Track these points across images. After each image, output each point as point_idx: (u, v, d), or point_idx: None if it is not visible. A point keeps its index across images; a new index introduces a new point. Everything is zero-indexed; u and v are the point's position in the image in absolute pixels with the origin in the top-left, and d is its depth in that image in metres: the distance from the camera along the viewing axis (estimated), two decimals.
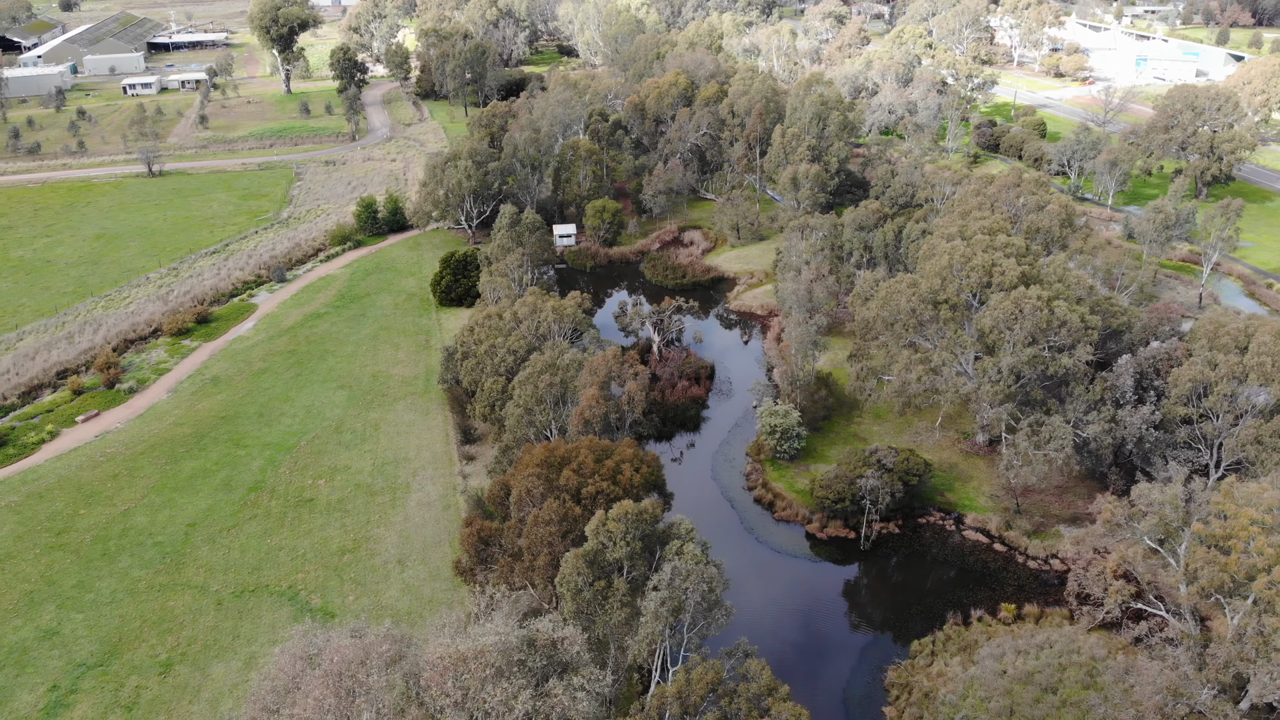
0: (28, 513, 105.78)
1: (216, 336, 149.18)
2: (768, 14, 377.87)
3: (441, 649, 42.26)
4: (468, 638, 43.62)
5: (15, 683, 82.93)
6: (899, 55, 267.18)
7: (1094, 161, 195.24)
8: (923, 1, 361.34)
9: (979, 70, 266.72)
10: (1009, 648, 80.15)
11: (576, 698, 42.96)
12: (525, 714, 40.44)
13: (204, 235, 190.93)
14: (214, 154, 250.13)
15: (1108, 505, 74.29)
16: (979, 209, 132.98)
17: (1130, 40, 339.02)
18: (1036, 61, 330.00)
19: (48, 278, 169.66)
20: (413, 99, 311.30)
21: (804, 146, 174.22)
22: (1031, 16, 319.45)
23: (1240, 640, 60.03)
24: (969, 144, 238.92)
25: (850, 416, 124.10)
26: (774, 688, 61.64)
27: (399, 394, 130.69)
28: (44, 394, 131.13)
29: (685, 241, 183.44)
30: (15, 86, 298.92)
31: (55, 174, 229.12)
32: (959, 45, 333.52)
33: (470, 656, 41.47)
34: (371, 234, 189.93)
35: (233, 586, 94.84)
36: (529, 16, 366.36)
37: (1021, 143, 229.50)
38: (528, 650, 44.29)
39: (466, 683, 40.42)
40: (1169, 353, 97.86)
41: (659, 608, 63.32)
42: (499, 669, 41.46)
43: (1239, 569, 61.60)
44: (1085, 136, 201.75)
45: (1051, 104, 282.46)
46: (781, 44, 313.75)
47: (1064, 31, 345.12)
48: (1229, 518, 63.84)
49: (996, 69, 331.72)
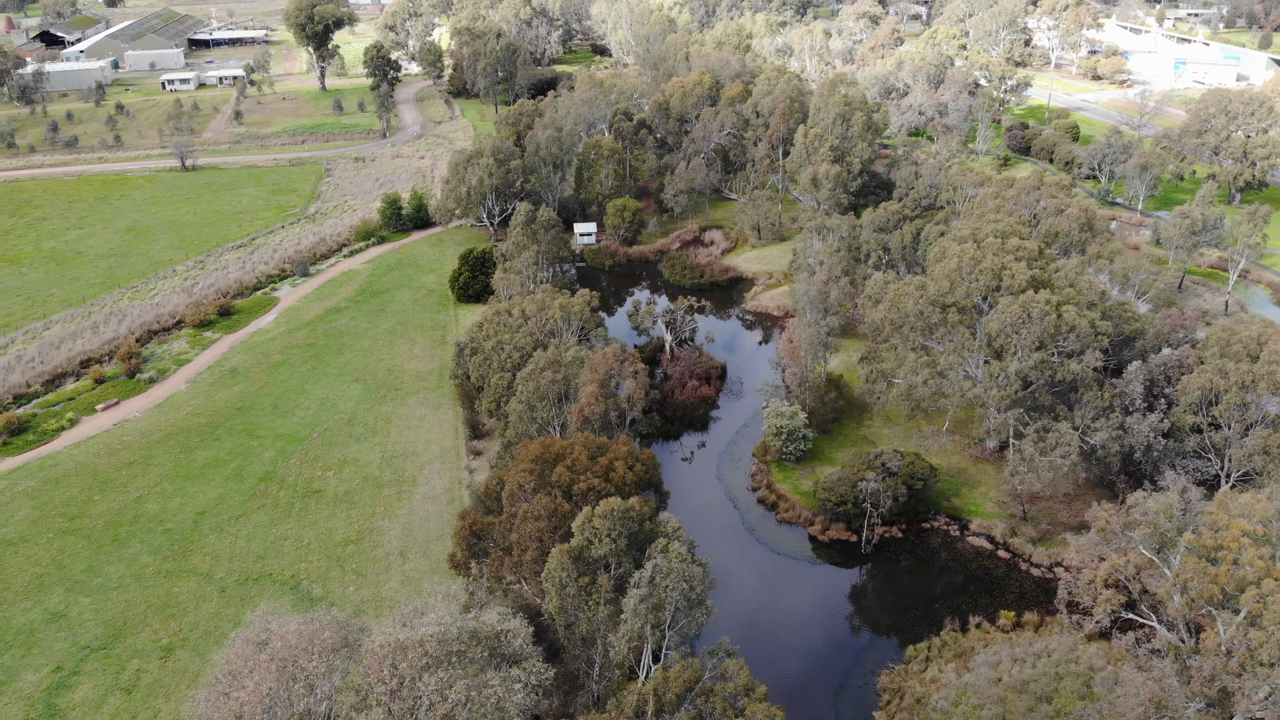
0: (44, 498, 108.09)
1: (238, 329, 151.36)
2: (802, 14, 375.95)
3: (383, 638, 42.86)
4: (410, 627, 44.20)
5: (21, 663, 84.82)
6: (931, 56, 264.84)
7: (1124, 165, 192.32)
8: (960, 2, 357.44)
9: (1012, 72, 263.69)
10: (1005, 655, 79.42)
11: (512, 689, 43.22)
12: (459, 703, 40.81)
13: (232, 229, 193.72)
14: (247, 149, 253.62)
15: (1102, 513, 73.23)
16: (997, 212, 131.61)
17: (1170, 43, 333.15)
18: (1074, 64, 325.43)
19: (78, 269, 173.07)
20: (445, 97, 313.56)
21: (826, 147, 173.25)
22: (1069, 18, 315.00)
23: (1227, 654, 58.91)
24: (999, 146, 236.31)
25: (860, 419, 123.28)
26: (751, 688, 61.51)
27: (412, 388, 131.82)
28: (67, 382, 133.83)
29: (706, 241, 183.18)
30: (57, 81, 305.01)
31: (91, 167, 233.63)
32: (996, 47, 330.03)
33: (409, 646, 42.00)
34: (396, 230, 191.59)
35: (237, 574, 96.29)
36: (563, 16, 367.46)
37: (1053, 146, 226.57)
38: (468, 641, 44.69)
39: (404, 671, 40.95)
40: (1180, 360, 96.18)
41: (639, 605, 63.44)
42: (436, 659, 41.91)
43: (1229, 581, 60.47)
44: (1116, 140, 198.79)
45: (1087, 107, 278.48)
46: (814, 44, 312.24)
47: (1103, 34, 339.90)
48: (1221, 529, 62.67)
49: (1033, 71, 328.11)
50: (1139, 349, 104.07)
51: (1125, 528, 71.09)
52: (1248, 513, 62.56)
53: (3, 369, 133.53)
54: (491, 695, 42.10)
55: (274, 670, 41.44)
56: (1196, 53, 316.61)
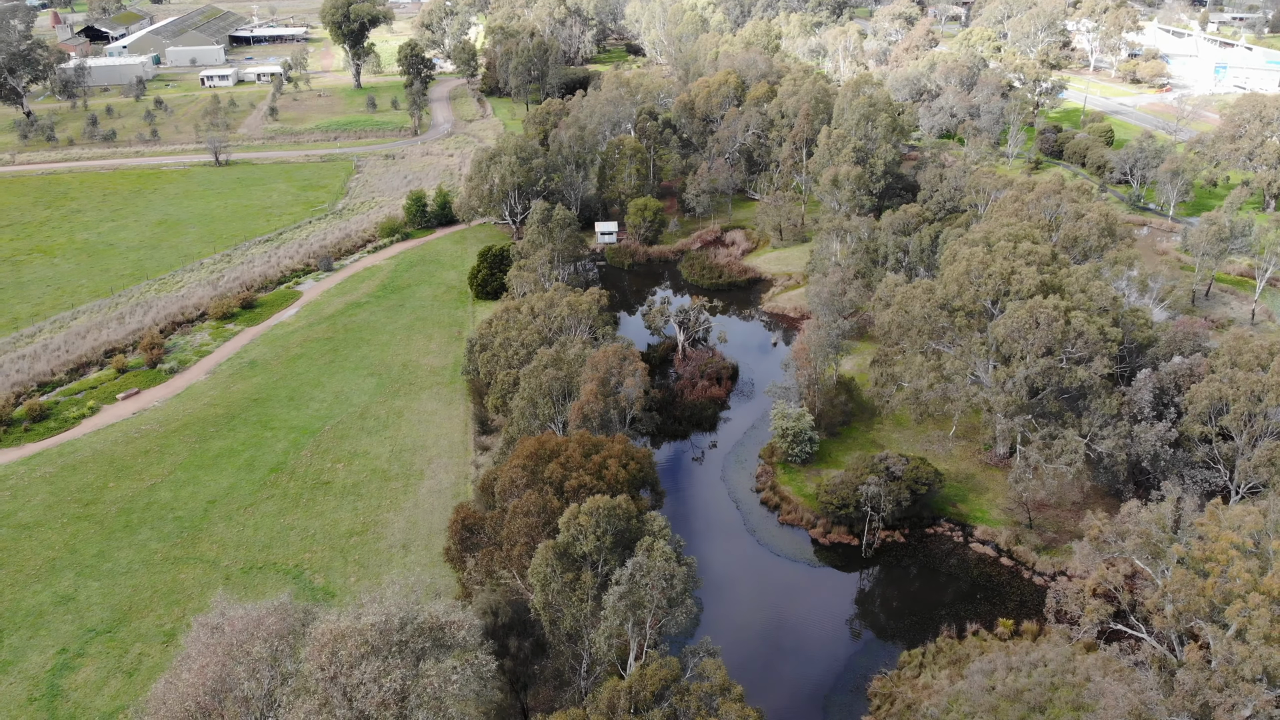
0: (60, 484, 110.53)
1: (259, 322, 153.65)
2: (838, 14, 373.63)
3: (325, 625, 43.55)
4: (353, 616, 44.85)
5: (28, 644, 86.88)
6: (963, 58, 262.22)
7: (1157, 171, 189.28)
8: (998, 4, 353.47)
9: (1046, 74, 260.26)
10: (1001, 664, 78.43)
11: (449, 679, 43.65)
12: (395, 692, 41.36)
13: (260, 224, 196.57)
14: (280, 145, 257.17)
15: (1095, 522, 72.28)
16: (1015, 216, 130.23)
17: (1213, 47, 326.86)
18: (1113, 67, 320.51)
19: (108, 260, 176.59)
20: (477, 95, 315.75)
21: (849, 148, 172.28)
22: (1109, 20, 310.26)
23: (1209, 668, 57.92)
24: (1031, 149, 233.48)
25: (870, 423, 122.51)
26: (728, 687, 61.51)
27: (426, 383, 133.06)
28: (91, 371, 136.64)
29: (727, 242, 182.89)
30: (99, 75, 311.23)
31: (127, 161, 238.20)
32: (1034, 49, 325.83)
33: (350, 634, 42.61)
34: (420, 227, 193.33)
35: (242, 563, 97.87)
36: (597, 15, 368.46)
37: (1086, 150, 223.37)
38: (410, 632, 45.22)
39: (342, 659, 41.56)
40: (1192, 368, 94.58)
41: (618, 602, 63.68)
42: (376, 647, 42.48)
43: (1216, 594, 59.45)
44: (1149, 145, 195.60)
45: (1125, 110, 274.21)
46: (848, 45, 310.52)
47: (1143, 37, 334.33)
48: (1210, 540, 61.61)
49: (1072, 74, 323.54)
50: (1151, 357, 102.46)
51: (1118, 537, 70.10)
52: (1237, 525, 61.45)
53: (29, 357, 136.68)
54: (428, 685, 42.66)
55: (219, 654, 42.37)
56: (1238, 57, 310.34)
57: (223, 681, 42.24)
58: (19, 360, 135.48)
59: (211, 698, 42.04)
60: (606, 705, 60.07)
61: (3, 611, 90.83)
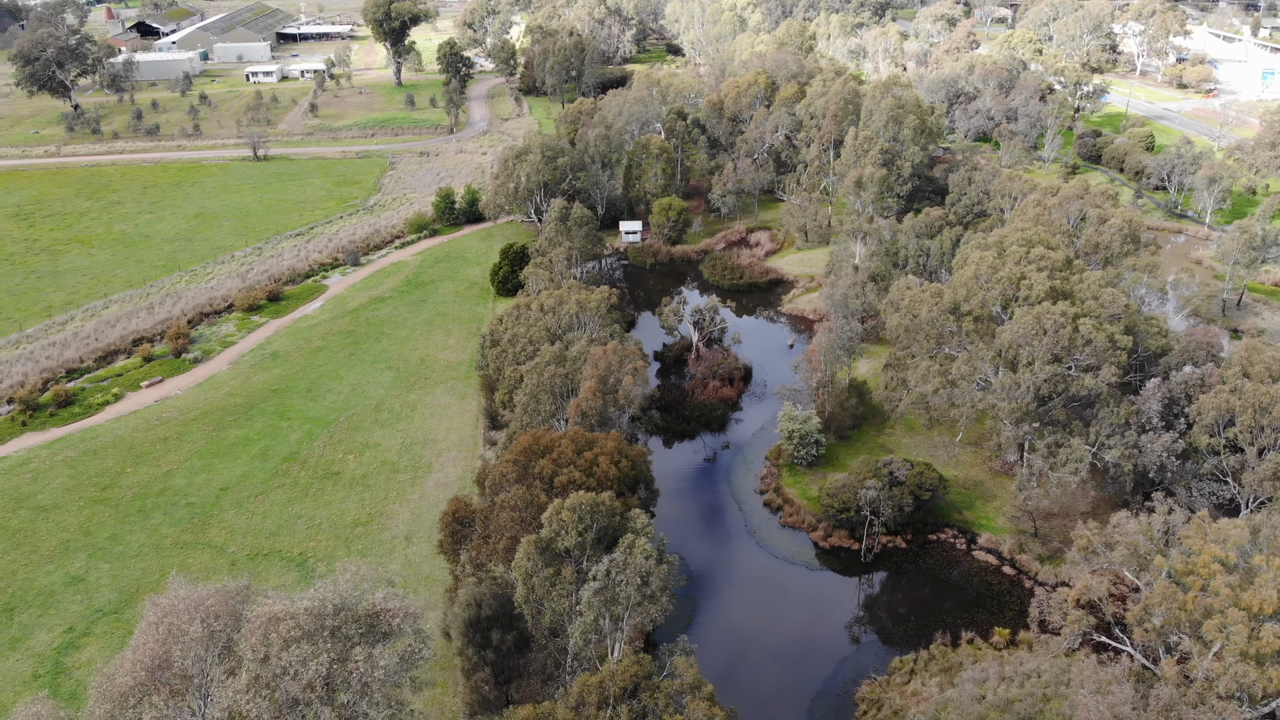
0: (80, 468, 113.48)
1: (284, 314, 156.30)
2: (880, 15, 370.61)
3: (261, 609, 44.50)
4: (290, 600, 45.74)
5: (37, 622, 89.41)
6: (1002, 60, 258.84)
7: (1194, 177, 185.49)
8: (1044, 6, 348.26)
9: (1088, 77, 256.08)
10: (993, 673, 77.59)
11: (376, 665, 44.31)
12: (322, 676, 42.12)
13: (293, 218, 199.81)
14: (318, 141, 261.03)
15: (1085, 532, 71.22)
16: (1036, 221, 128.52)
17: (1263, 53, 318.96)
18: (1160, 71, 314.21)
19: (143, 251, 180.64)
20: (515, 94, 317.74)
21: (876, 150, 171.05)
22: (1156, 24, 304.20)
23: (1187, 683, 56.85)
24: (1069, 154, 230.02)
25: (881, 427, 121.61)
26: (698, 685, 61.61)
27: (441, 378, 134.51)
28: (118, 359, 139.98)
29: (751, 243, 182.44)
30: (146, 70, 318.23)
31: (169, 154, 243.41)
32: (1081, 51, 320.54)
33: (283, 618, 43.47)
34: (448, 224, 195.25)
35: (249, 549, 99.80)
36: (637, 15, 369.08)
37: (1124, 155, 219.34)
38: (343, 618, 45.96)
39: (272, 641, 42.41)
40: (1203, 378, 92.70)
41: (592, 598, 64.08)
42: (308, 631, 43.29)
43: (1196, 608, 58.35)
44: (1187, 150, 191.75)
45: (1169, 116, 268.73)
46: (888, 46, 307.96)
47: (1191, 41, 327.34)
48: (1194, 553, 60.47)
49: (1118, 77, 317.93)
50: (1164, 366, 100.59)
51: (1107, 547, 69.05)
52: (1222, 539, 60.24)
53: (60, 344, 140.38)
54: (355, 670, 43.42)
55: (161, 633, 43.59)
56: None
57: (162, 659, 43.52)
58: (49, 347, 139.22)
59: (149, 674, 43.27)
60: (576, 699, 60.52)
61: (16, 590, 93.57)
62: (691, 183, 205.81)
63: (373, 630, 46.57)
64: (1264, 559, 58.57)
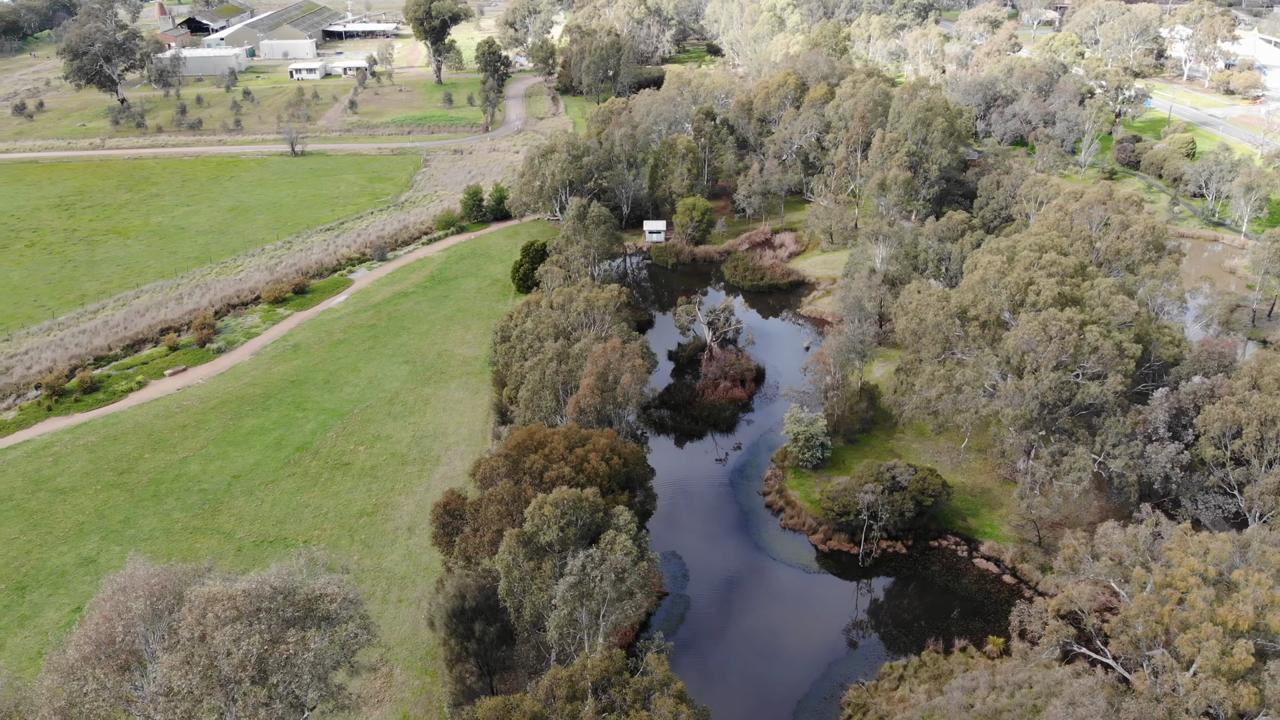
0: (100, 453, 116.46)
1: (309, 307, 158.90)
2: (923, 17, 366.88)
3: (202, 589, 45.64)
4: (230, 582, 46.87)
5: (47, 601, 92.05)
6: (1042, 63, 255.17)
7: (1231, 184, 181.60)
8: (1090, 9, 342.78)
9: (1129, 82, 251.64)
10: (984, 682, 76.85)
11: (307, 646, 45.13)
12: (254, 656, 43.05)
13: (325, 213, 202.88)
14: (355, 138, 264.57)
15: (1071, 542, 70.29)
16: (1056, 227, 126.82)
17: None
18: (1207, 76, 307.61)
19: (178, 243, 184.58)
20: (552, 93, 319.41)
21: (903, 152, 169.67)
22: (1204, 28, 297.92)
23: (1156, 698, 55.96)
24: (1107, 159, 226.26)
25: (892, 432, 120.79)
26: (667, 683, 61.86)
27: (456, 373, 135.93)
28: (145, 348, 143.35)
29: (775, 244, 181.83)
30: (193, 66, 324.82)
31: (209, 149, 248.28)
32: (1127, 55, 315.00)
33: (221, 598, 44.55)
34: (476, 221, 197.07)
35: (255, 536, 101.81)
36: (677, 15, 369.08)
37: (1163, 161, 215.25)
38: (281, 600, 46.91)
39: (209, 621, 43.51)
40: (1212, 389, 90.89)
41: (566, 592, 64.62)
42: (245, 612, 44.32)
43: (1172, 621, 57.39)
44: (1225, 157, 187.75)
45: (1214, 122, 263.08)
46: (929, 48, 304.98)
47: (1240, 46, 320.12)
48: (1174, 566, 59.47)
49: (1165, 82, 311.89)
50: (1175, 376, 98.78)
51: (1093, 558, 68.13)
52: (1203, 552, 59.16)
53: (90, 332, 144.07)
54: (285, 650, 44.34)
55: (109, 610, 44.99)
56: None
57: (108, 635, 44.98)
58: (80, 335, 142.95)
59: (95, 648, 44.76)
60: (545, 693, 61.08)
61: (30, 569, 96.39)
62: (720, 183, 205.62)
63: (311, 614, 47.59)
64: (1243, 574, 57.43)
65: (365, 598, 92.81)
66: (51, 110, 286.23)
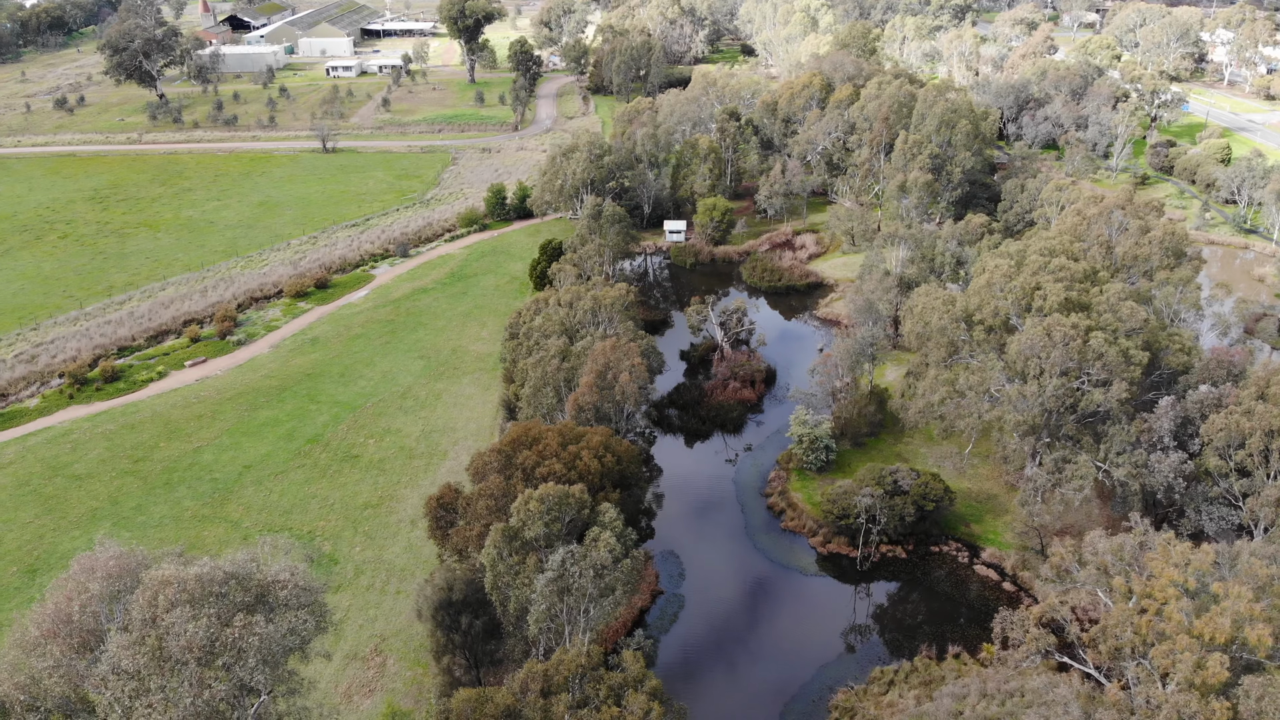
0: (117, 441, 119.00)
1: (329, 301, 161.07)
2: (960, 18, 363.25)
3: (156, 572, 46.72)
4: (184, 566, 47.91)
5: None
6: (1076, 65, 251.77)
7: (1263, 190, 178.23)
8: (1130, 12, 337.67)
9: (1165, 86, 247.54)
10: (975, 689, 76.20)
11: (252, 631, 46.02)
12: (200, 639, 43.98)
13: (351, 209, 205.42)
14: (386, 135, 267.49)
15: (1059, 550, 69.62)
16: (1072, 232, 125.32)
17: None
18: (1249, 81, 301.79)
19: (206, 237, 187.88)
20: (583, 93, 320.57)
21: (925, 154, 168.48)
22: (1245, 32, 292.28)
23: (1128, 710, 55.27)
24: (1140, 164, 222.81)
25: (900, 436, 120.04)
26: (642, 679, 62.19)
27: (469, 368, 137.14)
28: (167, 339, 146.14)
29: (796, 245, 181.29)
30: (232, 63, 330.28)
31: (243, 144, 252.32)
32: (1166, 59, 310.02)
33: (171, 582, 45.57)
34: (499, 219, 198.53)
35: (261, 525, 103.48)
36: (711, 15, 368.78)
37: (1196, 166, 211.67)
38: (232, 585, 47.84)
39: (160, 604, 44.53)
40: (1219, 398, 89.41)
41: (545, 587, 65.16)
42: (195, 596, 45.32)
43: (1149, 632, 56.69)
44: (1258, 163, 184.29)
45: (1252, 128, 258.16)
46: (964, 50, 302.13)
47: None
48: (1155, 576, 58.71)
49: (1205, 86, 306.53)
50: (1184, 384, 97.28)
51: (1080, 566, 67.45)
52: (1184, 562, 58.35)
53: (115, 322, 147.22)
54: (231, 634, 45.26)
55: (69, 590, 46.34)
56: None
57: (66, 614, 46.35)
58: (105, 325, 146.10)
59: (54, 626, 46.15)
60: (520, 686, 61.67)
61: (41, 553, 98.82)
62: (744, 184, 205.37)
63: (262, 601, 48.60)
64: (1224, 587, 56.57)
65: (365, 589, 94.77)
66: (92, 105, 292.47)
